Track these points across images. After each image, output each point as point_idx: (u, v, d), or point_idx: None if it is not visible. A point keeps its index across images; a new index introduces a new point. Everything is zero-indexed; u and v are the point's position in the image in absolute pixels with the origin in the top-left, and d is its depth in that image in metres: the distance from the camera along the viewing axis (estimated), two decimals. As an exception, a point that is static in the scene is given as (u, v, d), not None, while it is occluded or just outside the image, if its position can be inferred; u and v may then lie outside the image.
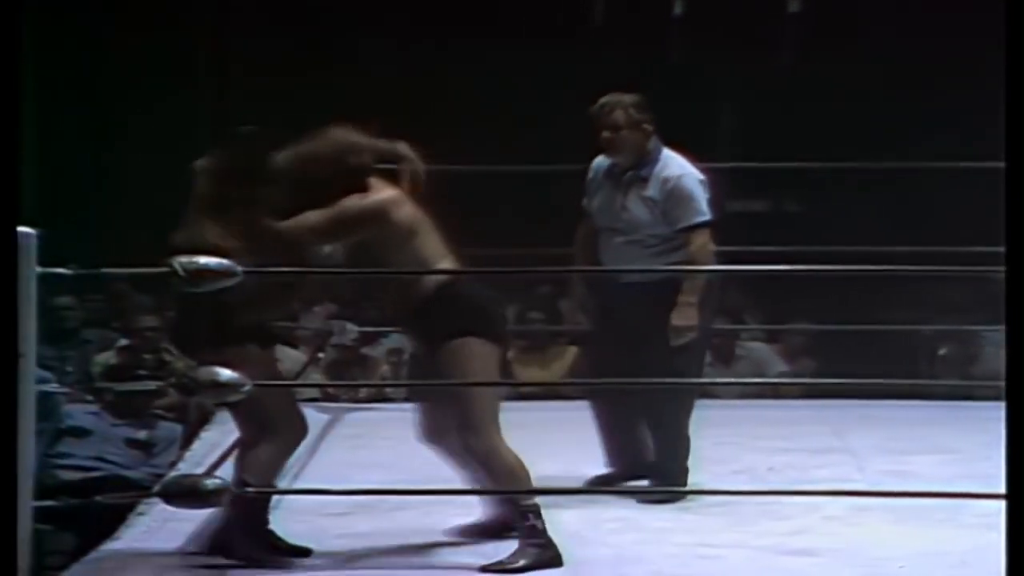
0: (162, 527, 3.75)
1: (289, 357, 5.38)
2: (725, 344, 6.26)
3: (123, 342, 5.84)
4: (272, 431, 3.40)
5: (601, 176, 4.20)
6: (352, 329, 5.67)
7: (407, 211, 3.43)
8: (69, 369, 5.94)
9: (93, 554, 3.59)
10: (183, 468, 4.40)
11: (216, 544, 3.42)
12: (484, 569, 3.35)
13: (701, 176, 4.14)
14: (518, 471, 3.41)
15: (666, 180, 4.08)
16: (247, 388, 3.12)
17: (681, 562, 3.49)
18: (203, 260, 3.09)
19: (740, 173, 8.05)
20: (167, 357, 5.69)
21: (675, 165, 4.12)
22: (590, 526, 3.80)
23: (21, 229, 2.87)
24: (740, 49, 8.54)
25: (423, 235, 3.42)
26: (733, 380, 6.13)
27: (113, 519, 3.84)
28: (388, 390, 5.63)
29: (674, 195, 4.06)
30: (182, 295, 3.30)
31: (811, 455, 4.67)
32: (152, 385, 5.14)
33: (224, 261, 3.11)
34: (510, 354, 6.46)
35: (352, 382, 3.44)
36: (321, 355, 5.72)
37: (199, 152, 3.47)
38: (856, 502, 3.82)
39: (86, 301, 6.48)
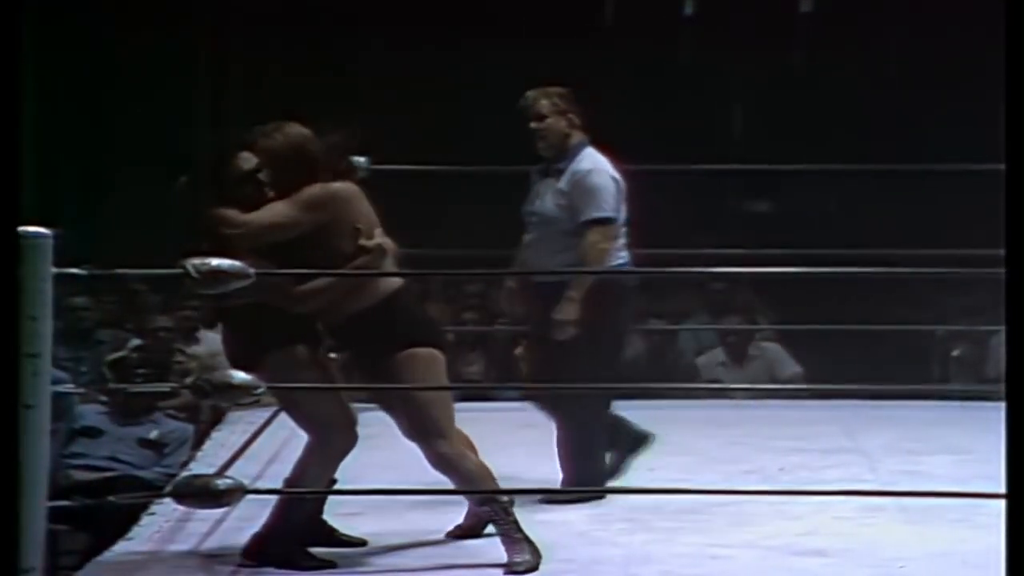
0: (174, 527, 3.76)
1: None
2: (738, 344, 6.26)
3: (136, 342, 5.86)
4: (321, 431, 3.43)
5: (535, 175, 4.19)
6: None
7: (363, 206, 3.44)
8: (83, 369, 5.96)
9: (107, 554, 3.60)
10: (195, 468, 4.41)
11: (255, 545, 3.44)
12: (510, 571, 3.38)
13: (616, 175, 4.09)
14: (486, 469, 3.48)
15: (575, 172, 4.05)
16: (261, 390, 3.13)
17: (691, 562, 3.49)
18: (215, 261, 3.10)
19: (749, 174, 8.05)
20: (180, 358, 5.70)
21: (589, 160, 4.08)
22: (600, 526, 3.80)
23: (37, 229, 2.88)
24: (751, 49, 8.54)
25: (371, 235, 3.42)
26: (738, 387, 6.13)
27: (126, 519, 3.85)
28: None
29: (580, 187, 4.02)
30: (228, 306, 3.33)
31: (822, 455, 4.67)
32: (166, 387, 5.16)
33: (237, 263, 3.12)
34: (519, 350, 6.48)
35: (371, 385, 3.47)
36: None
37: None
38: (868, 502, 3.81)
39: (100, 301, 6.49)
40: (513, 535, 3.42)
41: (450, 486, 3.51)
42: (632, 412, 5.42)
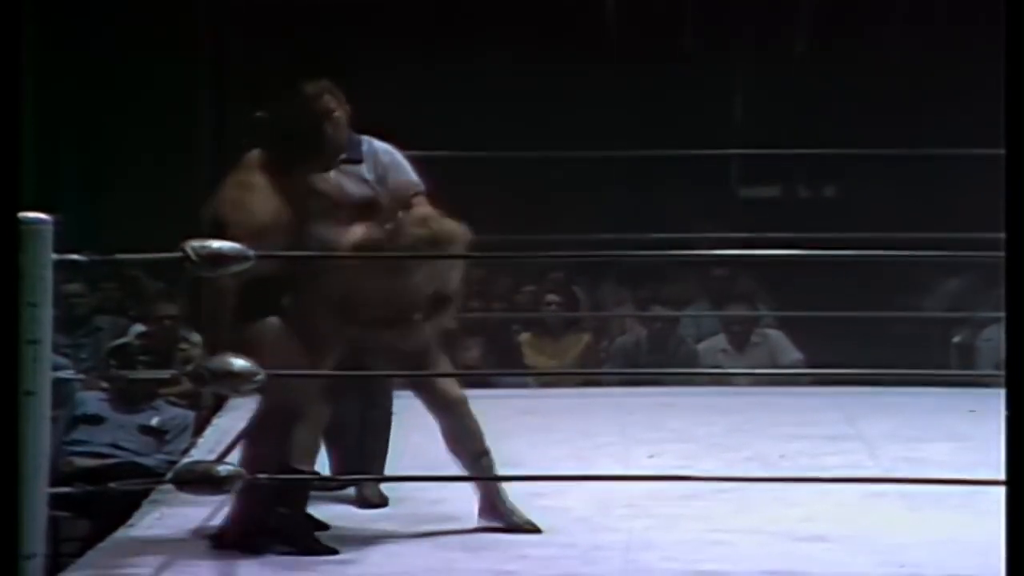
0: (175, 514, 3.77)
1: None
2: (740, 331, 6.25)
3: (139, 329, 5.87)
4: (302, 412, 3.44)
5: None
6: None
7: None
8: (83, 356, 5.96)
9: (108, 541, 3.60)
10: (196, 455, 4.42)
11: (265, 531, 3.44)
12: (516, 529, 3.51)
13: None
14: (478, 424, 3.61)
15: (379, 153, 3.94)
16: (260, 377, 3.13)
17: (692, 548, 3.49)
18: (216, 244, 3.10)
19: (753, 160, 8.04)
20: (183, 345, 5.70)
21: (376, 141, 3.99)
22: (601, 512, 3.80)
23: (38, 215, 2.88)
24: (754, 37, 8.52)
25: None
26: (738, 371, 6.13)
27: (127, 506, 3.86)
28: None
29: (393, 164, 3.94)
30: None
31: (823, 442, 4.67)
32: (166, 374, 5.16)
33: (236, 245, 3.12)
34: (524, 336, 6.49)
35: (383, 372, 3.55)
36: None
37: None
38: (869, 489, 3.81)
39: (98, 288, 6.50)
40: (500, 496, 3.55)
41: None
42: (634, 399, 5.45)
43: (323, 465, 3.86)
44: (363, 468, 3.92)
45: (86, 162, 8.40)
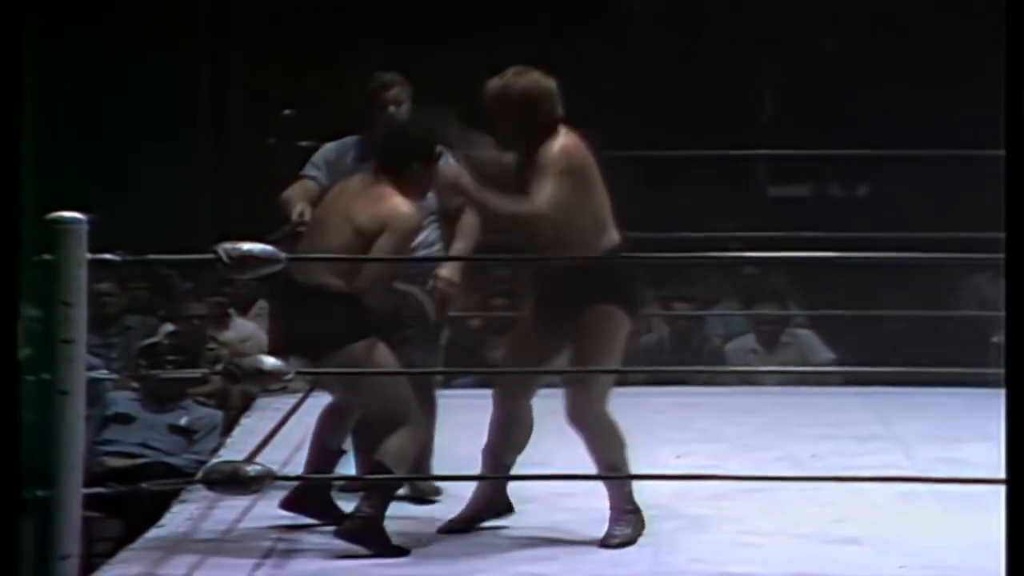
0: (205, 514, 3.78)
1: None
2: (770, 331, 6.22)
3: (169, 328, 5.89)
4: (407, 417, 3.46)
5: (355, 157, 3.99)
6: None
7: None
8: (113, 356, 5.98)
9: (139, 541, 3.62)
10: (224, 454, 4.43)
11: (353, 534, 3.44)
12: (603, 544, 3.46)
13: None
14: (619, 436, 3.56)
15: None
16: (290, 376, 3.14)
17: (721, 549, 3.47)
18: (247, 246, 3.10)
19: (782, 158, 8.00)
20: (212, 345, 5.72)
21: None
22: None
23: (72, 214, 2.89)
24: (779, 35, 8.49)
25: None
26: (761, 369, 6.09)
27: (157, 506, 3.87)
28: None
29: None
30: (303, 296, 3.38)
31: (856, 442, 4.63)
32: (198, 372, 5.18)
33: (268, 247, 3.13)
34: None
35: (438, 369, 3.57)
36: None
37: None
38: (903, 490, 3.78)
39: (127, 287, 6.52)
40: (624, 506, 3.49)
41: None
42: (659, 398, 5.43)
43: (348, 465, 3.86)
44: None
45: (87, 160, 8.41)
